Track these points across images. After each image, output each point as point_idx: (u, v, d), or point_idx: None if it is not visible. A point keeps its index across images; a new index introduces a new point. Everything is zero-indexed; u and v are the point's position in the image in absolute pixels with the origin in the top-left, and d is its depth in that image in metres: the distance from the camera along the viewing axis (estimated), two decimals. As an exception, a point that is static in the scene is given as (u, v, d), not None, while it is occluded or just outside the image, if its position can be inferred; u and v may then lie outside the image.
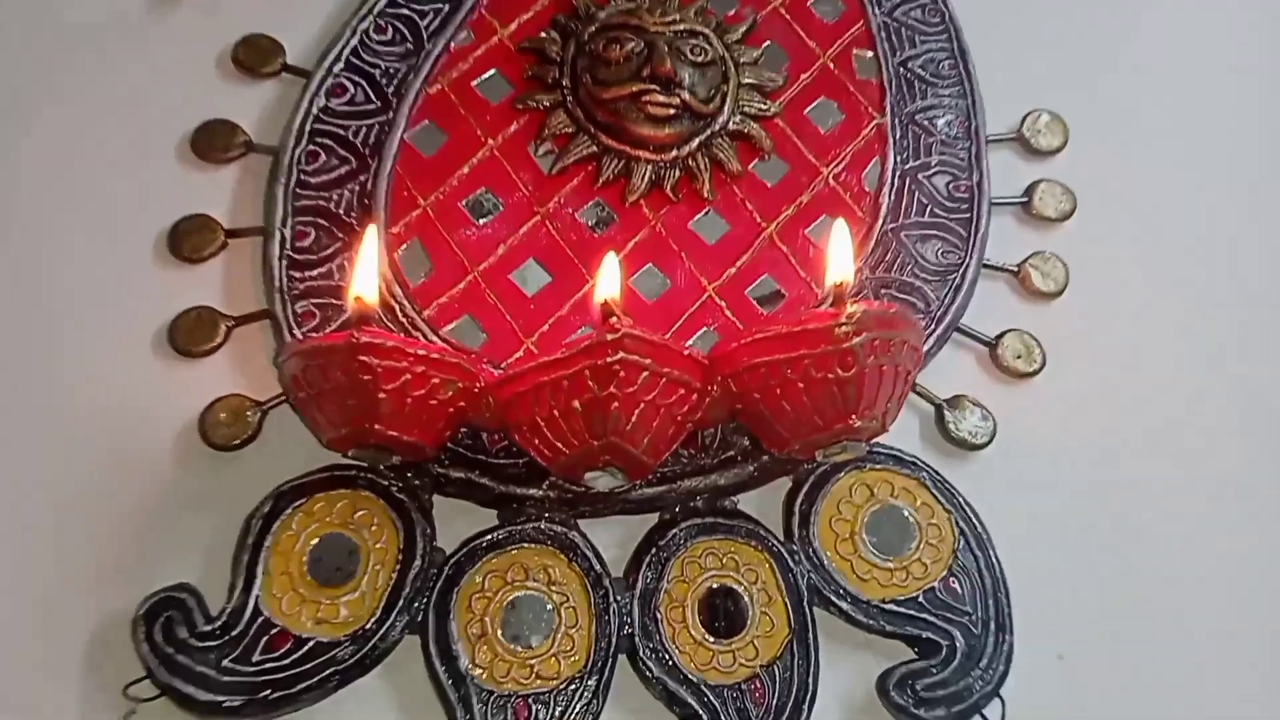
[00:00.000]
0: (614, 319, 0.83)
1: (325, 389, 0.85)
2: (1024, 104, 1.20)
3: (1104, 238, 1.15)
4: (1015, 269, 1.11)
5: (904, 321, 0.86)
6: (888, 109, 1.14)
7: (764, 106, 1.11)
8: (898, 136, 1.13)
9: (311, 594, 0.90)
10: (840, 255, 0.90)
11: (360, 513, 0.93)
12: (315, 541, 0.92)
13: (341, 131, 1.08)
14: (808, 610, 0.93)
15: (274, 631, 0.88)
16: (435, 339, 0.98)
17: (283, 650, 0.88)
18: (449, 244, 1.04)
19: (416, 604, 0.90)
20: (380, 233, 1.01)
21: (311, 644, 0.88)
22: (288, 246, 1.02)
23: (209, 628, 0.88)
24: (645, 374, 0.83)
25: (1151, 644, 0.99)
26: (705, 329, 1.03)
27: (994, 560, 0.96)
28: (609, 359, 0.81)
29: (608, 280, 0.88)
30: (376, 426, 0.84)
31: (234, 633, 0.88)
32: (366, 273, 0.90)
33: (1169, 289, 1.15)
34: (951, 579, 0.95)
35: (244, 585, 0.90)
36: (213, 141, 1.09)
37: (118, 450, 0.97)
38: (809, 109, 1.14)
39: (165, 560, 0.93)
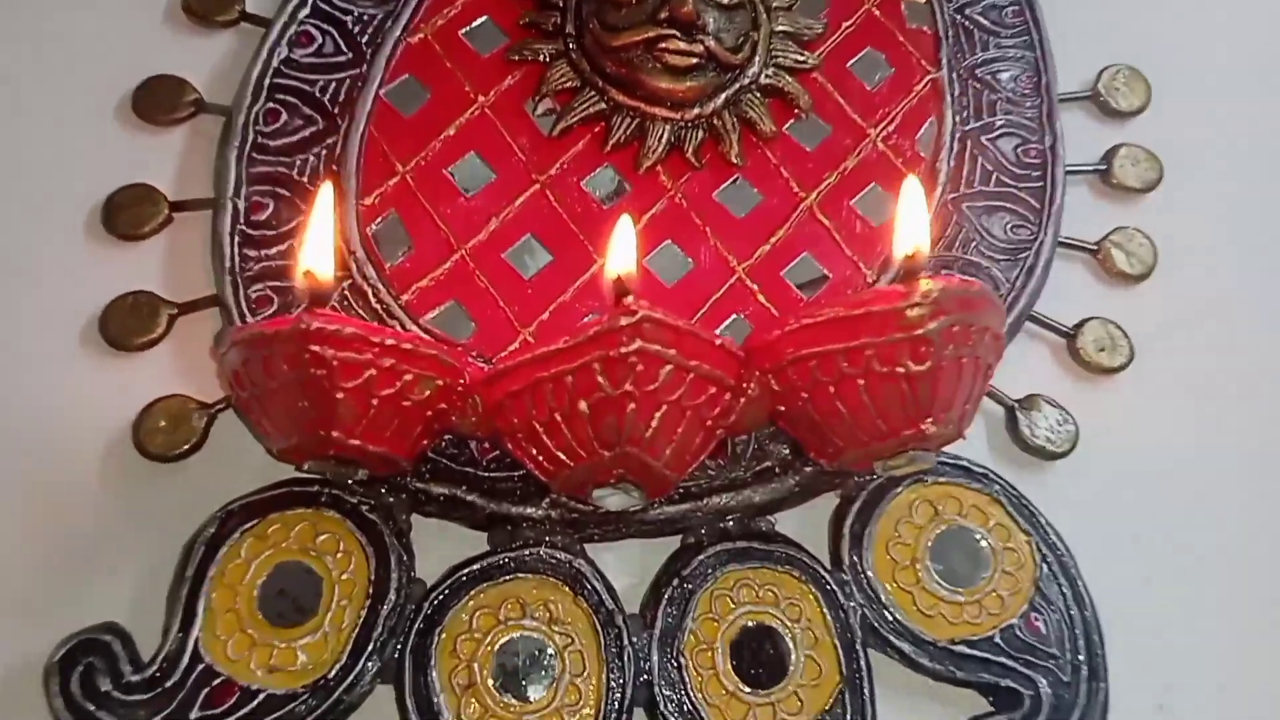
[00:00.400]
0: (630, 300, 0.73)
1: (271, 387, 0.77)
2: (1099, 58, 1.11)
3: (1195, 210, 1.07)
4: (1094, 247, 1.03)
5: (986, 302, 0.78)
6: (943, 61, 1.06)
7: (801, 58, 1.03)
8: (956, 93, 1.05)
9: (263, 636, 0.82)
10: (912, 219, 0.80)
11: (323, 537, 0.85)
12: (269, 572, 0.84)
13: (306, 87, 1.00)
14: (861, 653, 0.85)
15: (217, 682, 0.80)
16: (414, 328, 0.91)
17: (228, 705, 0.80)
18: (432, 218, 0.96)
19: (390, 648, 0.82)
20: (351, 204, 0.96)
21: (262, 697, 0.80)
22: (241, 220, 0.95)
23: (138, 677, 0.80)
24: (668, 368, 0.74)
25: (1268, 690, 0.91)
26: (735, 317, 0.95)
27: (1083, 592, 0.88)
28: (624, 349, 0.72)
29: (622, 251, 0.79)
30: (334, 434, 0.75)
31: (168, 684, 0.80)
32: (320, 242, 0.81)
33: (1272, 268, 1.07)
34: (1034, 615, 0.87)
35: (181, 625, 0.82)
36: (158, 100, 1.01)
37: (34, 461, 0.90)
38: (852, 61, 1.06)
39: (86, 595, 0.85)
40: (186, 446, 0.89)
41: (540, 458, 0.79)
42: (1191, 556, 0.94)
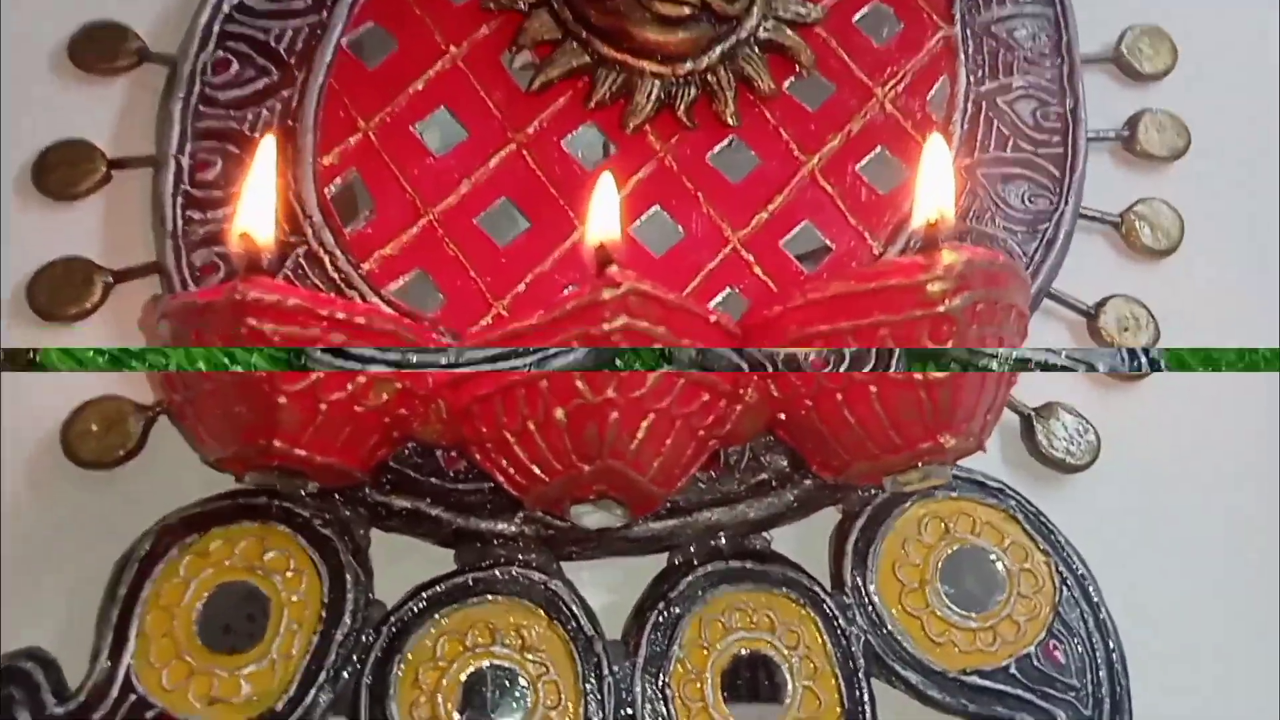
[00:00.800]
0: (614, 270, 0.71)
1: (205, 388, 0.73)
2: (1122, 17, 1.07)
3: (1223, 180, 1.04)
4: (1117, 219, 1.00)
5: (1013, 276, 0.75)
6: (956, 17, 1.02)
7: (803, 11, 0.99)
8: (970, 51, 1.01)
9: (203, 663, 0.78)
10: (935, 181, 0.77)
11: (271, 554, 0.80)
12: (210, 592, 0.79)
13: (260, 35, 0.96)
14: (864, 684, 0.81)
15: (151, 715, 0.76)
16: (375, 300, 0.88)
17: (162, 741, 0.77)
18: (397, 179, 0.93)
19: (344, 677, 0.79)
20: (307, 163, 0.91)
21: (202, 732, 0.77)
22: (185, 179, 0.91)
23: (62, 710, 0.76)
24: (655, 376, 0.71)
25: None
26: (729, 290, 0.93)
27: (1107, 618, 0.85)
28: (606, 325, 0.70)
29: (605, 214, 0.76)
30: (276, 443, 0.72)
31: (96, 717, 0.76)
32: (260, 200, 0.77)
33: (1310, 243, 1.05)
34: (1052, 643, 0.84)
35: (112, 651, 0.78)
36: (97, 48, 0.97)
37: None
38: (858, 16, 1.02)
39: (6, 616, 0.81)
40: (122, 452, 0.85)
41: (512, 471, 0.75)
42: (1226, 579, 0.91)
